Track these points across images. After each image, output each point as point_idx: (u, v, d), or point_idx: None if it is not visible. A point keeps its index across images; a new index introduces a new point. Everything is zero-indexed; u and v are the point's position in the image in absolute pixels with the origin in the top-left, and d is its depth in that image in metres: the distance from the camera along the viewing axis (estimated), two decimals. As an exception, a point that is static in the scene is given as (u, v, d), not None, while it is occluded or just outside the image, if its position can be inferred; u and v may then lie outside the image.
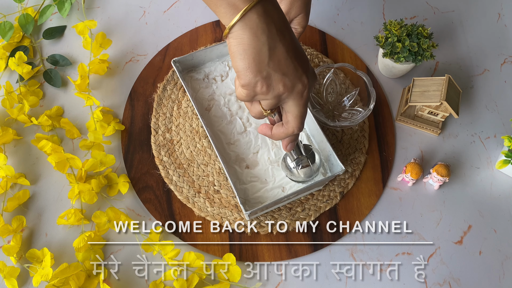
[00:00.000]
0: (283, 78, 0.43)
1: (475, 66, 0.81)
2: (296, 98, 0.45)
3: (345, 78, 0.74)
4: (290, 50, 0.43)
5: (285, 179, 0.66)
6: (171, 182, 0.70)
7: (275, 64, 0.43)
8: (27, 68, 0.75)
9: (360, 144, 0.73)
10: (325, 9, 0.86)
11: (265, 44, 0.42)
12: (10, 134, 0.71)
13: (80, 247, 0.62)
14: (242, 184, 0.66)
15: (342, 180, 0.71)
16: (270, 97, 0.44)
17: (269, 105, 0.46)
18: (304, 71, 0.44)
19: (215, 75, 0.75)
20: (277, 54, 0.42)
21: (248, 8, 0.41)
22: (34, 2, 0.86)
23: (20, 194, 0.68)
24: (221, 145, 0.69)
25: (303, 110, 0.47)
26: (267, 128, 0.51)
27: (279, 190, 0.66)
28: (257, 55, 0.42)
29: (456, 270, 0.66)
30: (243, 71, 0.43)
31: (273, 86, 0.43)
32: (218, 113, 0.72)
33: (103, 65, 0.77)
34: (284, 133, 0.49)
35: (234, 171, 0.67)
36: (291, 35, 0.44)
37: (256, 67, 0.42)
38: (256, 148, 0.69)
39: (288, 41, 0.43)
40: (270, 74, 0.43)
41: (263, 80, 0.43)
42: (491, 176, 0.72)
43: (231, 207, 0.68)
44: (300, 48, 0.45)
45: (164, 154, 0.72)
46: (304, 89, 0.45)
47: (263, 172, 0.67)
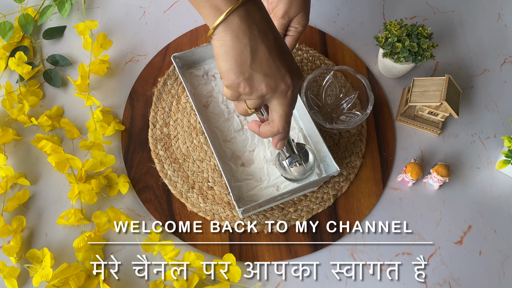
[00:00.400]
0: (266, 78, 0.44)
1: (475, 66, 0.81)
2: (280, 98, 0.46)
3: (346, 81, 0.74)
4: (272, 51, 0.44)
5: (280, 178, 0.66)
6: (166, 176, 0.70)
7: (257, 65, 0.43)
8: (27, 68, 0.75)
9: (356, 147, 0.73)
10: (325, 9, 0.86)
11: (247, 46, 0.42)
12: (10, 134, 0.71)
13: (80, 247, 0.62)
14: (237, 182, 0.66)
15: (336, 183, 0.70)
16: (253, 97, 0.45)
17: (253, 104, 0.46)
18: (288, 71, 0.45)
19: (215, 72, 0.75)
20: (259, 55, 0.43)
21: (230, 11, 0.42)
22: (34, 2, 0.86)
23: (20, 194, 0.68)
24: (217, 142, 0.69)
25: (287, 109, 0.47)
26: (256, 125, 0.51)
27: (273, 189, 0.66)
28: (238, 57, 0.42)
29: (456, 270, 0.66)
30: (226, 72, 0.43)
31: (255, 87, 0.44)
32: (216, 110, 0.72)
33: (103, 66, 0.77)
34: (270, 132, 0.50)
35: (229, 168, 0.67)
36: (275, 35, 0.45)
37: (238, 69, 0.43)
38: (252, 146, 0.69)
39: (271, 42, 0.44)
40: (252, 75, 0.43)
41: (245, 81, 0.44)
42: (491, 176, 0.72)
43: (224, 204, 0.68)
44: (285, 48, 0.46)
45: (161, 148, 0.72)
46: (288, 89, 0.45)
47: (258, 170, 0.67)
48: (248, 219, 0.67)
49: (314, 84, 0.73)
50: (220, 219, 0.68)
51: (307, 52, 0.80)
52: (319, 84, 0.74)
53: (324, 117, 0.73)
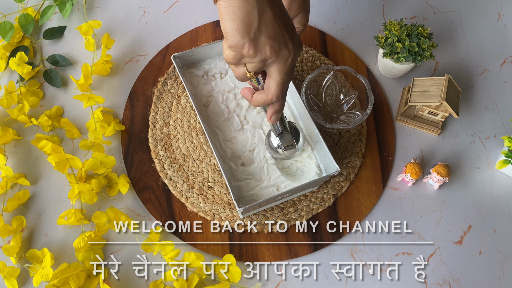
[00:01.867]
0: (270, 41, 0.44)
1: (475, 66, 0.81)
2: (280, 63, 0.46)
3: (346, 81, 0.74)
4: (277, 16, 0.44)
5: (280, 178, 0.66)
6: (166, 176, 0.70)
7: (263, 27, 0.43)
8: (27, 68, 0.75)
9: (356, 147, 0.73)
10: (325, 9, 0.86)
11: (254, 7, 0.43)
12: (10, 134, 0.72)
13: (80, 247, 0.62)
14: (237, 181, 0.66)
15: (336, 183, 0.70)
16: (256, 60, 0.45)
17: (254, 68, 0.46)
18: (290, 37, 0.45)
19: (215, 72, 0.75)
20: (266, 18, 0.43)
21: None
22: (34, 2, 0.86)
23: (20, 194, 0.68)
24: (217, 142, 0.69)
25: (285, 77, 0.47)
26: (249, 92, 0.51)
27: (273, 189, 0.66)
28: (246, 17, 0.43)
29: (456, 270, 0.66)
30: (231, 32, 0.43)
31: (260, 49, 0.44)
32: (216, 109, 0.72)
33: (106, 66, 0.77)
34: (263, 100, 0.49)
35: (229, 168, 0.67)
36: (280, 2, 0.45)
37: (245, 29, 0.43)
38: (252, 146, 0.69)
39: (276, 7, 0.44)
40: (257, 36, 0.43)
41: (250, 42, 0.43)
42: (491, 176, 0.72)
43: (224, 204, 0.68)
44: (288, 16, 0.46)
45: (161, 148, 0.72)
46: (290, 55, 0.45)
47: (259, 170, 0.67)
48: (248, 219, 0.67)
49: (314, 84, 0.73)
50: (220, 219, 0.68)
51: (307, 52, 0.80)
52: (319, 84, 0.74)
53: (324, 117, 0.73)
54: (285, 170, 0.68)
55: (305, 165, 0.68)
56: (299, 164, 0.68)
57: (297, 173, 0.67)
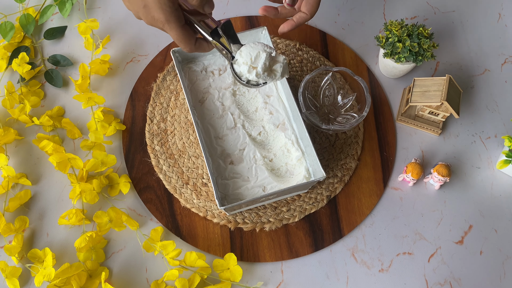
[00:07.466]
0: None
1: (476, 66, 0.81)
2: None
3: (344, 83, 0.74)
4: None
5: (267, 179, 0.66)
6: (161, 171, 0.71)
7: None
8: (28, 68, 0.75)
9: (352, 150, 0.73)
10: (326, 9, 0.86)
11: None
12: (12, 134, 0.72)
13: (81, 247, 0.62)
14: (224, 179, 0.66)
15: (330, 184, 0.70)
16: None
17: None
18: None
19: (214, 68, 0.75)
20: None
21: None
22: (35, 2, 0.86)
23: (21, 194, 0.68)
24: (209, 138, 0.69)
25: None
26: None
27: (259, 189, 0.66)
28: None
29: (457, 270, 0.66)
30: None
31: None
32: (211, 106, 0.72)
33: (104, 66, 0.77)
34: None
35: (217, 165, 0.67)
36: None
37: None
38: (243, 145, 0.69)
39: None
40: None
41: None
42: (491, 176, 0.72)
43: None
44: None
45: (157, 143, 0.72)
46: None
47: (247, 170, 0.67)
48: (241, 216, 0.67)
49: (313, 84, 0.73)
50: (213, 215, 0.68)
51: (307, 52, 0.80)
52: (317, 85, 0.74)
53: (321, 118, 0.73)
54: (274, 172, 0.68)
55: (295, 168, 0.68)
56: (289, 166, 0.68)
57: (286, 175, 0.67)
